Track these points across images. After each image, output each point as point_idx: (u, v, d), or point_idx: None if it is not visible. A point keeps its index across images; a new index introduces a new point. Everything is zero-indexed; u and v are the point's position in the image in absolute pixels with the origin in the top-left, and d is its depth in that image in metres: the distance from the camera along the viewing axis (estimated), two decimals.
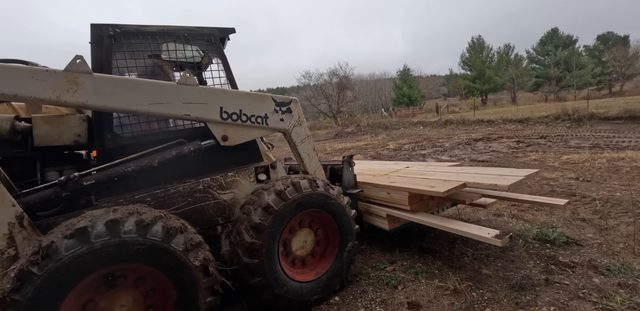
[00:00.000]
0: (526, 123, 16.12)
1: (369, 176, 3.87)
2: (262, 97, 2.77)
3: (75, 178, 2.11)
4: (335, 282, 2.67)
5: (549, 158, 7.92)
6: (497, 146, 11.03)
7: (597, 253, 3.04)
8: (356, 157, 11.47)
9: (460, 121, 20.00)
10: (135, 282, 1.86)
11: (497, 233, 2.47)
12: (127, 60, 2.53)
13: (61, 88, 2.03)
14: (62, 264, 1.59)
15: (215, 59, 2.91)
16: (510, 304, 2.36)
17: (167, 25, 2.67)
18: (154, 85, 2.30)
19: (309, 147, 3.10)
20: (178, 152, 2.40)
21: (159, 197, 2.33)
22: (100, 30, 2.41)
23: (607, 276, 2.63)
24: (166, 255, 1.82)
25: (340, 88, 35.90)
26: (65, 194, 2.11)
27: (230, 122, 2.59)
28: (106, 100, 2.14)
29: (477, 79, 37.99)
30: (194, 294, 1.89)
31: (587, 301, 2.33)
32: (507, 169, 3.43)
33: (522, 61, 40.31)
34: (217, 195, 2.57)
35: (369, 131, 22.91)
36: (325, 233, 2.80)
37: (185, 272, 1.86)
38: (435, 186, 2.92)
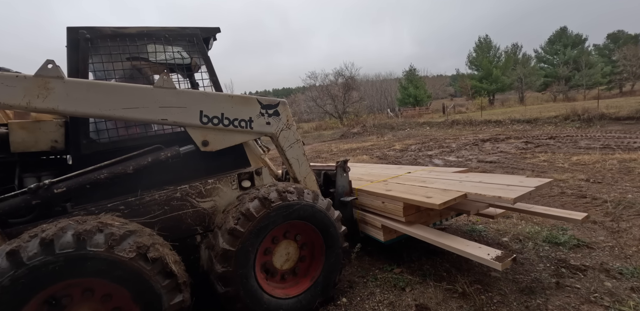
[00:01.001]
0: (535, 124, 15.91)
1: (367, 182, 3.64)
2: (247, 99, 2.64)
3: (46, 186, 2.06)
4: (315, 301, 2.49)
5: (559, 159, 7.81)
6: (505, 147, 10.91)
7: (609, 256, 2.99)
8: (362, 158, 11.45)
9: (467, 121, 19.83)
10: (83, 294, 1.78)
11: (498, 255, 2.21)
12: (105, 63, 2.46)
13: (31, 93, 1.99)
14: None
15: (199, 60, 2.81)
16: (520, 307, 2.33)
17: (146, 27, 2.57)
18: (128, 89, 2.23)
19: (299, 151, 2.92)
20: (154, 158, 2.32)
21: (133, 205, 2.24)
22: (77, 34, 2.32)
23: (619, 280, 2.58)
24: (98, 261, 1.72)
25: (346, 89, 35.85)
26: (35, 202, 2.06)
27: (210, 126, 2.47)
28: (78, 106, 2.09)
29: (484, 79, 37.64)
30: (150, 295, 1.81)
31: (598, 306, 2.30)
32: (516, 178, 3.09)
33: (530, 60, 39.83)
34: (195, 203, 2.45)
35: (375, 131, 22.83)
36: (311, 249, 2.62)
37: (134, 276, 1.78)
38: (432, 196, 2.68)
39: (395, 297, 2.60)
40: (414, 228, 2.84)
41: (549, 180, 2.82)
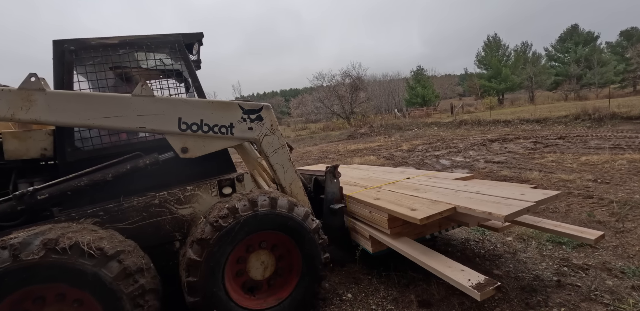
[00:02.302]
0: (544, 124, 15.74)
1: (361, 188, 3.47)
2: (227, 105, 2.62)
3: (29, 193, 2.17)
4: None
5: (567, 159, 7.76)
6: (514, 147, 10.85)
7: (612, 255, 3.03)
8: (369, 158, 11.50)
9: (475, 121, 19.70)
10: (73, 303, 1.88)
11: (480, 282, 1.92)
12: (89, 73, 2.55)
13: (15, 105, 2.11)
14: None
15: (182, 66, 2.84)
16: (520, 304, 2.40)
17: (128, 36, 2.64)
18: (107, 98, 2.30)
19: (284, 157, 2.84)
20: (133, 165, 2.38)
21: (112, 211, 2.30)
22: (62, 46, 2.42)
23: (620, 279, 2.62)
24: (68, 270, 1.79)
25: (353, 89, 35.88)
26: (20, 208, 2.16)
27: (189, 133, 2.46)
28: (58, 116, 2.19)
29: (493, 78, 37.27)
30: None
31: (598, 303, 2.35)
32: (519, 189, 2.78)
33: (541, 59, 39.26)
34: (174, 209, 2.48)
35: (382, 132, 22.83)
36: (289, 261, 2.53)
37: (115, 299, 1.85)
38: (417, 209, 2.46)
39: (398, 293, 2.69)
40: (399, 241, 2.62)
41: (556, 193, 2.47)
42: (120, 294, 1.85)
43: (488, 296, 1.85)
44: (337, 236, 3.13)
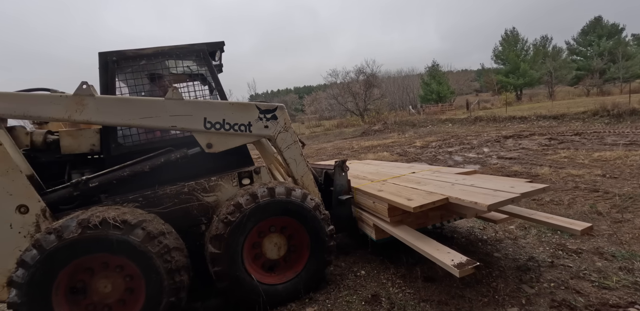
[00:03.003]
0: (561, 120, 15.54)
1: (368, 181, 3.76)
2: (246, 106, 2.95)
3: (83, 181, 2.63)
4: (298, 291, 2.77)
5: (580, 155, 7.84)
6: (528, 143, 10.90)
7: (606, 242, 3.29)
8: (382, 154, 11.79)
9: (490, 118, 19.56)
10: (117, 270, 2.31)
11: (462, 262, 2.19)
12: (128, 80, 3.00)
13: (71, 109, 2.57)
14: (65, 243, 2.14)
15: (205, 72, 3.22)
16: (514, 280, 2.73)
17: (161, 46, 3.04)
18: (144, 101, 2.71)
19: (296, 152, 3.15)
20: (166, 158, 2.79)
21: (149, 198, 2.68)
22: (106, 57, 2.87)
23: (610, 261, 2.90)
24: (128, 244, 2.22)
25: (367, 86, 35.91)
26: (76, 193, 2.61)
27: (213, 131, 2.82)
28: (105, 117, 2.63)
29: (510, 73, 36.49)
30: (159, 293, 2.26)
31: (585, 280, 2.65)
32: (510, 182, 2.94)
33: (561, 53, 38.11)
34: (200, 197, 2.83)
35: (396, 129, 22.95)
36: (299, 244, 2.88)
37: (154, 269, 2.26)
38: (413, 199, 2.70)
39: (406, 271, 3.05)
40: (398, 229, 2.87)
41: (543, 186, 2.64)
42: (150, 254, 2.24)
43: (467, 274, 2.13)
44: (345, 224, 3.44)
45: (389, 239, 3.05)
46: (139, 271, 2.27)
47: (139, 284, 2.29)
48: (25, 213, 2.47)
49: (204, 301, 2.98)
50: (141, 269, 2.26)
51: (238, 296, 2.58)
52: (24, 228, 2.45)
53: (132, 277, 2.31)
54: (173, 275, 2.29)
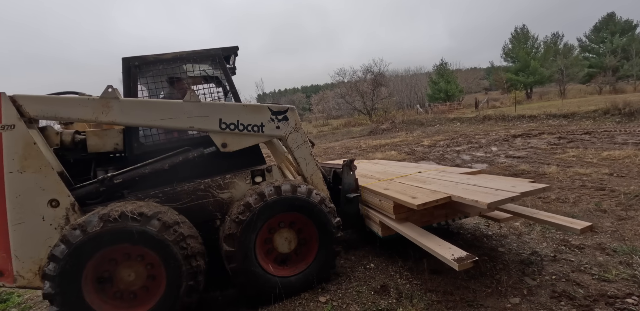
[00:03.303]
0: (572, 119, 15.41)
1: (375, 180, 3.88)
2: (259, 107, 3.11)
3: (108, 178, 2.83)
4: (309, 282, 2.94)
5: (589, 154, 7.86)
6: (537, 142, 10.89)
7: (609, 238, 3.39)
8: (390, 153, 11.89)
9: (499, 117, 19.46)
10: (138, 259, 2.53)
11: (461, 256, 2.29)
12: (149, 83, 3.21)
13: (98, 111, 2.79)
14: (89, 236, 2.34)
15: (221, 75, 3.40)
16: (517, 273, 2.86)
17: (179, 52, 3.21)
18: (164, 104, 2.90)
19: (306, 152, 3.29)
20: (184, 157, 2.96)
21: (169, 194, 2.86)
22: (129, 63, 3.07)
23: (611, 256, 3.01)
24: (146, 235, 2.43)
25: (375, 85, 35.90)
26: (102, 189, 2.81)
27: (228, 131, 2.99)
28: (129, 118, 2.83)
29: (520, 71, 36.07)
30: (178, 277, 2.47)
31: (586, 273, 2.77)
32: (512, 182, 3.03)
33: (573, 50, 37.51)
34: (216, 194, 2.99)
35: (404, 128, 22.97)
36: (308, 238, 3.03)
37: (175, 269, 2.46)
38: (417, 197, 2.82)
39: (414, 264, 3.21)
40: (403, 226, 2.98)
41: (543, 186, 2.75)
42: (167, 242, 2.43)
43: (466, 267, 2.23)
44: (353, 221, 3.56)
45: (394, 236, 3.16)
46: (158, 259, 2.47)
47: (160, 271, 2.50)
48: (56, 206, 2.68)
49: (222, 290, 3.18)
50: (160, 257, 2.46)
51: (254, 290, 2.76)
52: (55, 220, 2.66)
53: (152, 265, 2.52)
54: (190, 261, 2.49)
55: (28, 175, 2.64)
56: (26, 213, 2.63)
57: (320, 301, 2.75)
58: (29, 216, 2.63)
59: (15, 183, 2.62)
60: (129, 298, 2.54)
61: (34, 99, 2.73)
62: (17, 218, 2.61)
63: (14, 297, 4.07)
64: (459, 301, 2.54)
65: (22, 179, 2.63)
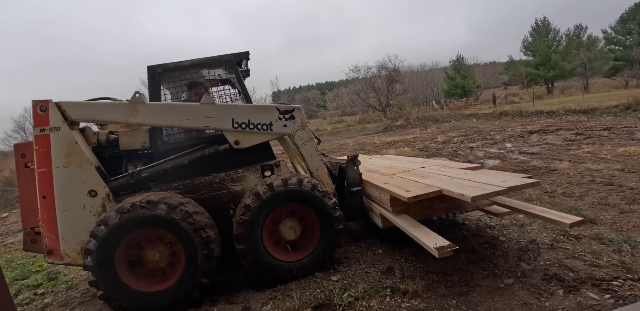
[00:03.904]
0: (592, 114, 15.07)
1: (379, 174, 4.02)
2: (267, 108, 3.40)
3: (137, 172, 3.23)
4: (311, 268, 3.21)
5: (604, 150, 7.82)
6: (553, 138, 10.81)
7: (607, 229, 3.56)
8: (403, 150, 12.06)
9: (517, 112, 19.17)
10: (158, 240, 2.91)
11: (443, 245, 2.46)
12: (170, 88, 3.61)
13: (127, 114, 3.19)
14: (111, 228, 2.75)
15: (233, 78, 3.73)
16: (514, 259, 3.11)
17: (196, 58, 3.53)
18: (183, 106, 3.25)
19: (311, 148, 3.54)
20: (201, 153, 3.29)
21: (188, 186, 3.23)
22: (153, 70, 3.42)
23: (606, 245, 3.20)
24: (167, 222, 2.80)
25: (389, 82, 35.76)
26: (131, 182, 3.20)
27: (240, 130, 3.29)
28: (154, 120, 3.22)
29: (540, 65, 35.05)
30: (193, 249, 2.83)
31: (579, 260, 2.98)
32: (505, 177, 3.12)
33: (597, 43, 36.09)
34: (229, 186, 3.33)
35: (419, 124, 22.92)
36: (311, 227, 3.30)
37: (189, 241, 2.82)
38: (411, 191, 2.96)
39: (418, 250, 3.48)
40: (398, 218, 3.16)
41: (532, 181, 2.84)
42: (176, 220, 2.79)
43: (445, 255, 2.41)
44: (357, 214, 3.76)
45: (393, 228, 3.29)
46: (173, 237, 2.86)
47: (177, 247, 2.89)
48: (94, 196, 3.13)
49: (244, 271, 3.56)
50: (174, 234, 2.84)
51: (270, 277, 3.11)
52: (94, 208, 3.12)
53: (171, 244, 2.92)
54: (199, 233, 2.85)
55: (71, 170, 3.09)
56: (70, 202, 3.08)
57: (332, 280, 3.09)
58: (72, 204, 3.08)
59: (61, 176, 3.07)
60: (159, 274, 2.97)
61: (74, 105, 3.19)
62: (63, 206, 3.07)
63: (61, 276, 4.61)
64: (456, 281, 2.82)
65: (67, 173, 3.08)
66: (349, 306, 2.63)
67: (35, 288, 4.30)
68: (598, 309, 2.29)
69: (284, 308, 2.72)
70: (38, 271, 4.92)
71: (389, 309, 2.55)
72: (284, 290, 3.04)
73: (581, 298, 2.42)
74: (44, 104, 3.09)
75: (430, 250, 2.49)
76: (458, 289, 2.71)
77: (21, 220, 3.32)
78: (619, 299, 2.37)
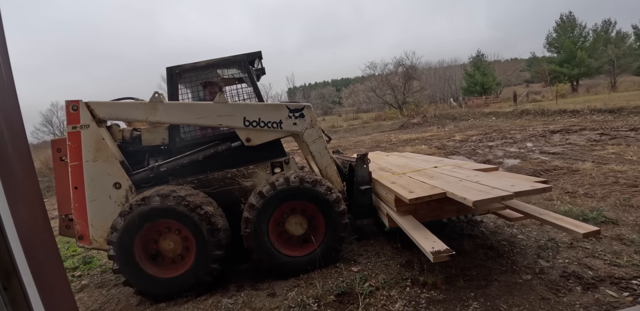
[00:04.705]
0: (618, 114, 14.56)
1: (389, 173, 3.99)
2: (277, 106, 3.50)
3: (156, 166, 3.44)
4: (315, 262, 3.26)
5: (630, 151, 7.62)
6: (576, 138, 10.55)
7: (629, 230, 3.55)
8: (420, 148, 12.02)
9: (539, 111, 18.69)
10: (172, 231, 3.14)
11: (440, 250, 2.41)
12: (187, 88, 3.78)
13: (148, 112, 3.40)
14: (133, 216, 2.99)
15: (246, 78, 3.87)
16: (532, 256, 3.16)
17: (211, 59, 3.67)
18: (198, 105, 3.43)
19: (321, 146, 3.60)
20: (215, 150, 3.46)
21: (202, 181, 3.42)
22: (171, 71, 3.60)
23: (627, 246, 3.21)
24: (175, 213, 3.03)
25: (406, 79, 35.33)
26: (152, 175, 3.44)
27: (251, 127, 3.41)
28: (171, 118, 3.42)
29: (565, 63, 33.84)
30: (201, 236, 3.02)
31: (599, 259, 3.01)
32: (516, 181, 2.93)
33: (627, 39, 34.49)
34: (241, 182, 3.48)
35: (436, 122, 22.66)
36: (316, 224, 3.37)
37: (192, 222, 3.02)
38: (414, 192, 2.92)
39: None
40: (402, 218, 3.11)
41: (543, 186, 2.69)
42: (172, 207, 2.99)
43: (440, 260, 2.37)
44: (366, 212, 3.80)
45: (399, 228, 3.19)
46: (177, 223, 3.07)
47: (184, 230, 3.11)
48: (119, 188, 3.41)
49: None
50: (177, 220, 3.05)
51: (289, 274, 3.24)
52: (118, 199, 3.40)
53: (179, 230, 3.15)
54: (197, 211, 3.02)
55: (99, 163, 3.39)
56: (98, 193, 3.38)
57: (352, 271, 3.23)
58: (100, 195, 3.38)
59: (90, 169, 3.38)
60: (179, 260, 3.21)
61: (101, 104, 3.46)
62: (92, 196, 3.38)
63: (95, 260, 4.95)
64: (475, 275, 2.91)
65: (95, 166, 3.38)
66: (370, 295, 2.78)
67: (73, 270, 4.65)
68: (616, 306, 2.35)
69: (307, 294, 2.89)
70: (73, 255, 5.29)
71: (409, 298, 2.68)
72: (306, 278, 3.21)
73: (599, 295, 2.47)
74: (75, 104, 3.40)
75: (427, 253, 2.46)
76: (476, 283, 2.80)
77: (57, 207, 3.63)
78: (637, 297, 2.41)
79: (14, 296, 0.75)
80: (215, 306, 2.97)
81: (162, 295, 3.14)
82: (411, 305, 2.60)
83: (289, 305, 2.78)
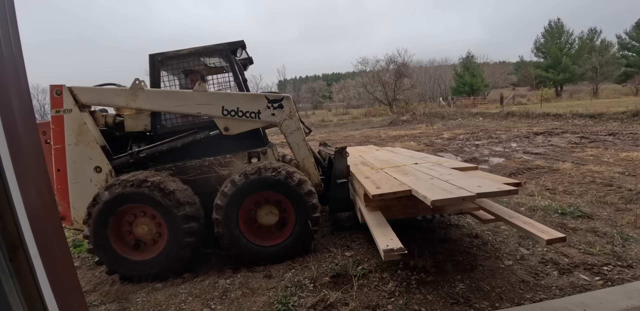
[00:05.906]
0: (598, 119, 15.20)
1: (369, 168, 3.91)
2: (256, 96, 3.49)
3: (135, 152, 3.49)
4: (283, 255, 3.33)
5: (607, 154, 8.03)
6: (558, 141, 11.01)
7: (603, 224, 3.82)
8: (409, 144, 12.28)
9: (524, 113, 19.29)
10: (140, 214, 3.27)
11: (393, 248, 2.37)
12: (169, 75, 3.82)
13: (128, 99, 3.45)
14: (104, 202, 3.10)
15: (227, 67, 3.85)
16: (514, 244, 3.38)
17: (194, 47, 3.66)
18: (177, 93, 3.46)
19: (299, 138, 3.58)
20: (193, 138, 3.50)
21: (180, 168, 3.49)
22: (154, 58, 3.59)
23: (600, 237, 3.47)
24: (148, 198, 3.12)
25: (397, 76, 35.62)
26: (131, 161, 3.51)
27: (229, 117, 3.42)
28: (151, 105, 3.46)
29: (550, 68, 34.84)
30: (151, 199, 3.12)
31: (574, 248, 3.26)
32: (485, 181, 2.83)
33: (610, 48, 35.71)
34: (217, 170, 3.52)
35: (425, 120, 23.06)
36: (287, 215, 3.40)
37: (160, 205, 3.12)
38: (381, 188, 2.88)
39: (426, 234, 3.77)
40: (370, 214, 3.04)
41: (508, 188, 2.57)
42: (139, 194, 3.11)
43: (391, 259, 2.38)
44: (342, 205, 3.80)
45: None
46: (147, 206, 3.18)
47: (154, 213, 3.22)
48: (99, 172, 3.48)
49: None
50: (149, 204, 3.15)
51: (257, 262, 3.31)
52: (99, 182, 3.46)
53: (153, 216, 3.25)
54: (159, 191, 3.12)
55: (80, 147, 3.44)
56: (79, 176, 3.44)
57: (346, 255, 3.38)
58: (81, 178, 3.44)
59: (72, 152, 3.42)
60: (159, 238, 3.31)
61: (84, 90, 3.48)
62: (74, 179, 3.44)
63: (85, 244, 4.92)
64: (461, 261, 3.10)
65: (77, 150, 3.43)
66: (363, 277, 2.92)
67: None
68: (588, 288, 2.57)
69: (303, 276, 3.02)
70: None
71: (400, 280, 2.84)
72: (301, 261, 3.33)
73: (574, 279, 2.70)
74: (59, 89, 3.42)
75: (380, 250, 2.44)
76: (462, 267, 2.99)
77: None
78: (607, 281, 2.64)
79: (19, 268, 0.76)
80: (213, 286, 3.06)
81: (132, 277, 3.26)
82: (402, 285, 2.76)
83: (286, 285, 2.90)
